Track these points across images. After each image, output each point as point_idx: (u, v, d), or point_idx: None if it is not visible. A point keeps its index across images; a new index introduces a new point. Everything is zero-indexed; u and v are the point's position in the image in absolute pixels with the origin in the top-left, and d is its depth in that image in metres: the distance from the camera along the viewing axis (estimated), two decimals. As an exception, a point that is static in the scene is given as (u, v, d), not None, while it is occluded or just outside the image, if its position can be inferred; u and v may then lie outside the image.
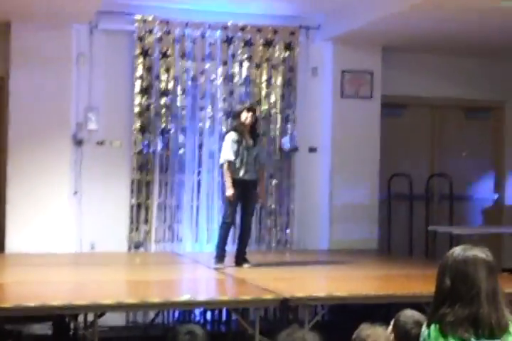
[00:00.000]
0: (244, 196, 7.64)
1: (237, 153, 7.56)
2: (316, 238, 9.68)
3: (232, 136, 7.64)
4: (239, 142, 7.58)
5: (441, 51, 10.06)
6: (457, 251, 3.03)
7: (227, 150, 7.60)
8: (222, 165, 7.68)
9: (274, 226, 9.48)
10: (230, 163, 7.56)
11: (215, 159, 9.00)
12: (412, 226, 9.71)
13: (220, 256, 7.63)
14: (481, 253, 3.06)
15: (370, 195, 9.72)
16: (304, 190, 9.68)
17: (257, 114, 8.21)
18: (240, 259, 7.69)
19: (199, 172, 9.20)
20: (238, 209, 7.79)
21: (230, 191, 7.51)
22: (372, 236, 9.69)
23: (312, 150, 9.74)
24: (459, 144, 10.55)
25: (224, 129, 8.93)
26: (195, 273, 7.92)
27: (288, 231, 9.53)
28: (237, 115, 7.75)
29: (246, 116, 7.60)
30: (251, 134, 7.70)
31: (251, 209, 7.83)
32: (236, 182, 7.55)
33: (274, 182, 9.42)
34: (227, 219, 7.67)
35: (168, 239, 9.13)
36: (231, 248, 8.07)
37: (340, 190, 9.62)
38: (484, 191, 10.66)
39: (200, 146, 9.20)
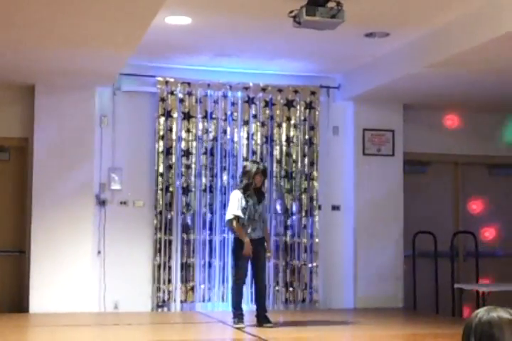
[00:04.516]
0: (254, 254, 7.59)
1: (244, 211, 7.58)
2: (341, 296, 9.61)
3: (240, 193, 7.65)
4: (246, 199, 7.60)
5: (463, 108, 10.09)
6: (481, 312, 2.97)
7: (235, 207, 7.60)
8: (228, 222, 7.68)
9: (298, 285, 9.40)
10: (237, 218, 7.56)
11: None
12: (438, 284, 9.60)
13: (238, 315, 7.56)
14: (506, 313, 3.00)
15: (394, 253, 9.66)
16: (327, 248, 9.64)
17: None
18: (261, 318, 7.61)
19: (222, 231, 9.19)
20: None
21: (246, 247, 7.46)
22: (397, 294, 9.60)
23: (335, 208, 9.73)
24: (483, 201, 10.49)
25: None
26: (218, 333, 7.84)
27: (313, 290, 9.45)
28: (248, 175, 7.65)
29: (259, 179, 7.64)
30: (257, 192, 7.70)
31: (262, 267, 7.73)
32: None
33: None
34: (237, 280, 7.64)
35: (192, 298, 9.08)
36: (251, 306, 8.03)
37: (364, 247, 9.57)
38: (510, 247, 10.54)
39: (223, 205, 9.21)
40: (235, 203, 7.62)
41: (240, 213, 7.57)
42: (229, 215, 7.66)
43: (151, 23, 6.57)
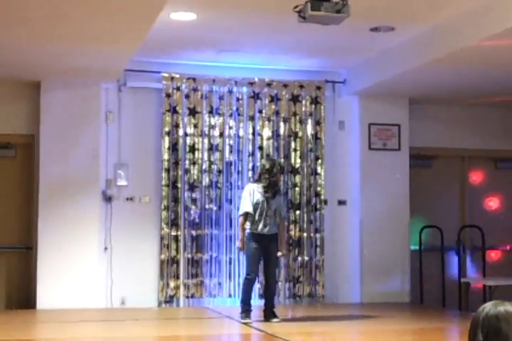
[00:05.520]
0: (265, 250, 7.61)
1: (256, 206, 7.57)
2: (347, 291, 9.60)
3: (253, 187, 7.67)
4: (259, 194, 7.59)
5: (469, 102, 10.07)
6: (489, 306, 2.98)
7: (246, 203, 7.62)
8: (239, 217, 7.77)
9: (304, 279, 9.40)
10: (247, 215, 7.58)
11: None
12: (445, 278, 9.60)
13: (246, 311, 7.59)
14: (513, 307, 2.99)
15: (401, 247, 9.65)
16: (334, 242, 9.64)
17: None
18: (269, 314, 7.62)
19: (229, 226, 9.19)
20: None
21: (239, 243, 7.64)
22: (404, 288, 9.60)
23: (341, 203, 9.73)
24: (489, 195, 10.48)
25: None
26: (225, 328, 7.85)
27: (319, 284, 9.45)
28: (270, 173, 7.61)
29: (280, 177, 7.72)
30: (273, 187, 7.69)
31: (273, 263, 7.75)
32: (255, 236, 7.56)
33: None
34: (249, 275, 7.65)
35: (199, 294, 9.09)
36: (259, 302, 8.09)
37: (370, 242, 9.56)
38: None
39: (230, 200, 9.21)
40: (246, 199, 7.64)
41: (249, 209, 7.58)
42: (240, 211, 7.73)
43: (156, 19, 6.57)
